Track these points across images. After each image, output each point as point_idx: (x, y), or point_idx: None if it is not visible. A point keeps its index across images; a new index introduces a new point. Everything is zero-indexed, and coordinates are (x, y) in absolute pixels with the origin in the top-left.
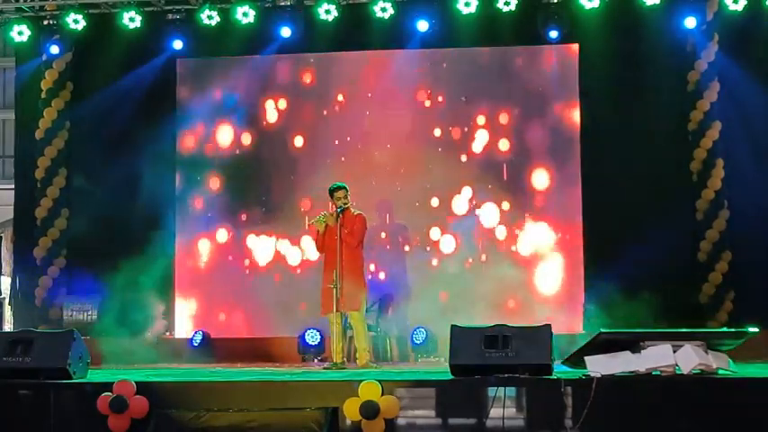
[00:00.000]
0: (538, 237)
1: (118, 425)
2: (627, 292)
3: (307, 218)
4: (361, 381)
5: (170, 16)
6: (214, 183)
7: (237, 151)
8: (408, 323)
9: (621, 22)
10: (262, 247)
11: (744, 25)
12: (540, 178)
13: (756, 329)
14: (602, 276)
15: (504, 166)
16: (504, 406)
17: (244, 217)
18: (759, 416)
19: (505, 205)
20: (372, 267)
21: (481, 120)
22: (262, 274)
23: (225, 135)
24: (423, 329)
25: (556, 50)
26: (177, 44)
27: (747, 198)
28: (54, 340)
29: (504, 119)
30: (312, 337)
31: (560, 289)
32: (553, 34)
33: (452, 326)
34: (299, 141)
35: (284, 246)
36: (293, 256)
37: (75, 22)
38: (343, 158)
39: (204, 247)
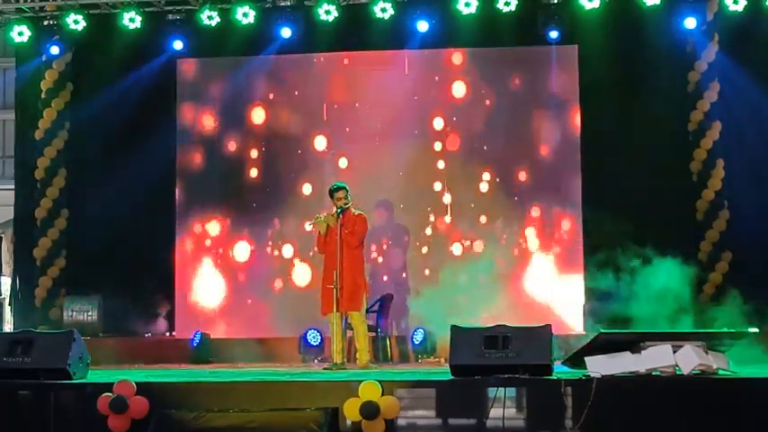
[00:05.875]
0: (537, 235)
1: (118, 425)
2: (627, 292)
3: (308, 223)
4: (361, 381)
5: (170, 16)
6: (214, 182)
7: (238, 151)
8: (408, 323)
9: (621, 22)
10: (262, 246)
11: (744, 25)
12: (541, 178)
13: (756, 330)
14: (603, 276)
15: (504, 165)
16: (504, 406)
17: (244, 216)
18: (759, 416)
19: (505, 204)
20: (372, 266)
21: (482, 120)
22: (262, 274)
23: (225, 135)
24: (422, 330)
25: (556, 51)
26: (177, 44)
27: (747, 198)
28: (54, 340)
29: (504, 119)
30: (313, 338)
31: (560, 289)
32: (553, 34)
33: (452, 326)
34: (299, 141)
35: (286, 245)
36: (294, 254)
37: (76, 22)
38: (343, 158)
39: (204, 247)
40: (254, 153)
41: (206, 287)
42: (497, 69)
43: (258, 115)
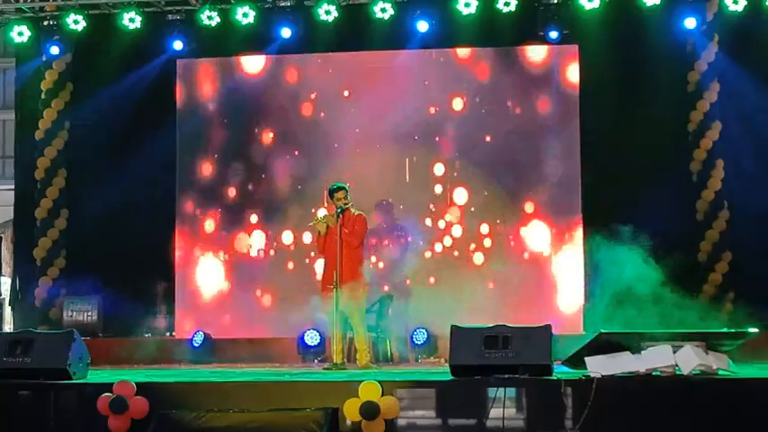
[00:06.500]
0: (538, 236)
1: (118, 425)
2: (627, 292)
3: (312, 221)
4: (361, 381)
5: (170, 16)
6: (214, 182)
7: (238, 151)
8: (408, 323)
9: (621, 22)
10: (262, 246)
11: (744, 25)
12: (540, 177)
13: (756, 330)
14: (602, 276)
15: (504, 164)
16: (504, 406)
17: (243, 216)
18: (759, 416)
19: (505, 205)
20: (372, 267)
21: (481, 120)
22: (263, 274)
23: (225, 135)
24: (423, 330)
25: (556, 51)
26: (177, 44)
27: (747, 198)
28: (54, 341)
29: (504, 119)
30: (312, 338)
31: (560, 289)
32: (553, 35)
33: (452, 326)
34: (299, 142)
35: (286, 245)
36: (295, 255)
37: (76, 22)
38: (343, 158)
39: (205, 247)
40: (254, 153)
41: (206, 287)
42: (497, 69)
43: (257, 116)
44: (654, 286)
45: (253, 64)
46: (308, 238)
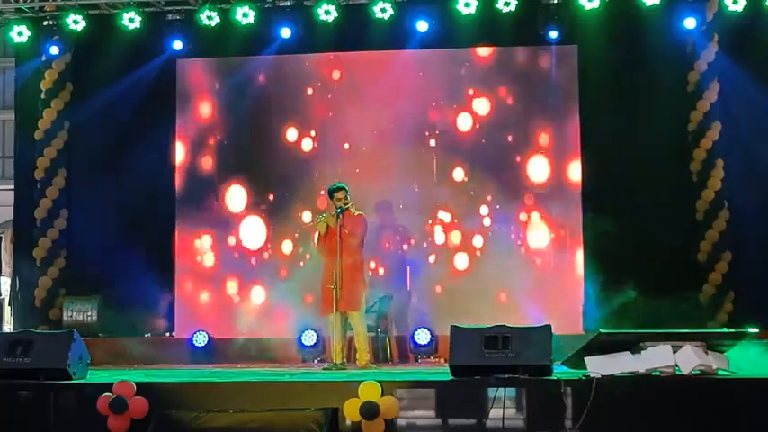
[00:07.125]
0: (537, 236)
1: (118, 425)
2: (627, 292)
3: (312, 219)
4: (360, 381)
5: (170, 16)
6: (214, 183)
7: (237, 152)
8: (408, 323)
9: (621, 22)
10: (262, 246)
11: (744, 25)
12: (540, 177)
13: (756, 330)
14: (602, 276)
15: (504, 165)
16: (503, 406)
17: (243, 217)
18: (759, 416)
19: (505, 205)
20: (372, 267)
21: (481, 120)
22: (261, 274)
23: (225, 135)
24: (426, 330)
25: (555, 51)
26: (177, 44)
27: (747, 198)
28: (54, 341)
29: (503, 119)
30: (309, 339)
31: (560, 289)
32: (553, 35)
33: (452, 326)
34: (299, 142)
35: (285, 244)
36: (293, 255)
37: (75, 22)
38: (342, 159)
39: (204, 246)
40: (253, 153)
41: (206, 287)
42: (497, 70)
43: (257, 116)
44: (654, 286)
45: (253, 65)
46: (307, 236)
